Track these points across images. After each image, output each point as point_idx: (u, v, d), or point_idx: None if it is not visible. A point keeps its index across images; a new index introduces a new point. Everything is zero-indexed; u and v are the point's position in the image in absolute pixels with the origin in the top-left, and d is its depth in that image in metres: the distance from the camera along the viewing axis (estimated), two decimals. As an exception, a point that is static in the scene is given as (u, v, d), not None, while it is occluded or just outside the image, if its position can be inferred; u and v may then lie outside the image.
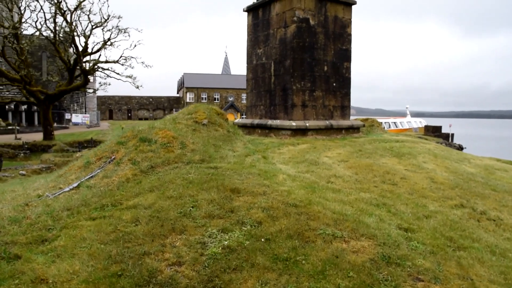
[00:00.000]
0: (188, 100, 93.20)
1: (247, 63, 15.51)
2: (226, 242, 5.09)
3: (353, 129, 14.47)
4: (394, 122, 61.76)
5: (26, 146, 36.77)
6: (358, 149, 11.23)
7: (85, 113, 74.04)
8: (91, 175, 7.96)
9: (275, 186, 6.95)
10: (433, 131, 75.68)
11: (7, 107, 57.50)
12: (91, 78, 46.27)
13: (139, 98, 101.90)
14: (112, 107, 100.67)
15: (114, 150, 8.75)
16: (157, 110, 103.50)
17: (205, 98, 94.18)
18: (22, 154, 34.34)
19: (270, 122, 13.73)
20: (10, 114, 61.26)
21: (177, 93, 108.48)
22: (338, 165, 9.45)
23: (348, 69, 14.49)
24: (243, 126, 15.29)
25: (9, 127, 51.93)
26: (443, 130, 75.16)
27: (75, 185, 7.60)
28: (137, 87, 41.84)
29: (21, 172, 22.27)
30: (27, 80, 34.49)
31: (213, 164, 8.23)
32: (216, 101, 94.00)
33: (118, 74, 40.69)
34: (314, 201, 6.35)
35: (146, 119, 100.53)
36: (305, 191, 6.96)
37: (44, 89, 40.02)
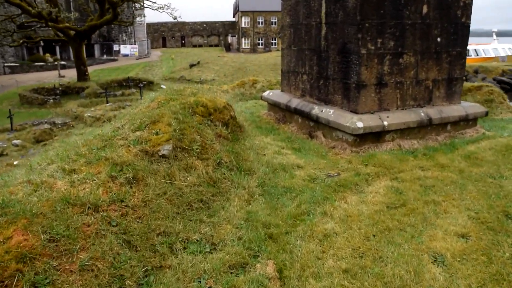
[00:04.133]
0: (243, 25, 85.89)
1: (285, -2, 9.19)
2: None
3: (466, 122, 8.07)
4: (475, 49, 48.64)
5: (59, 89, 32.89)
6: (497, 205, 5.15)
7: (134, 43, 69.49)
8: None
9: None
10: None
11: (53, 43, 54.45)
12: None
13: (192, 24, 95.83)
14: (165, 34, 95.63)
15: None
16: (211, 36, 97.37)
17: (261, 22, 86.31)
18: (51, 100, 30.40)
19: (317, 109, 7.67)
20: (57, 49, 58.20)
21: (233, 17, 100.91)
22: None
23: (468, 9, 7.81)
24: (274, 106, 9.29)
25: (56, 63, 49.24)
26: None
27: None
28: (175, 18, 36.02)
29: (14, 142, 17.82)
30: (46, 17, 29.67)
31: None
32: (273, 25, 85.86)
33: (151, 2, 34.94)
34: None
35: (200, 45, 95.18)
36: None
37: (75, 25, 35.34)
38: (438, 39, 7.52)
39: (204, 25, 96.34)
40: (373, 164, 6.27)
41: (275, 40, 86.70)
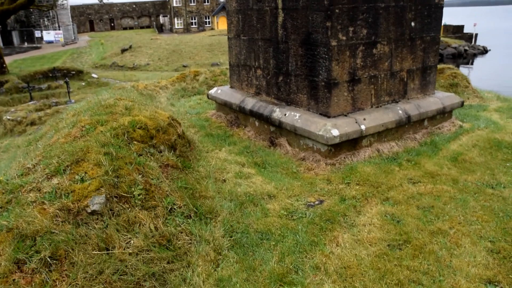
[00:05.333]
0: (175, 4, 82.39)
1: (228, -22, 7.82)
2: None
3: (442, 115, 7.20)
4: None
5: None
6: (511, 228, 4.30)
7: (58, 29, 64.54)
8: None
9: None
10: (454, 32, 66.51)
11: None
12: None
13: (121, 5, 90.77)
14: (93, 18, 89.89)
15: None
16: (142, 17, 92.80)
17: (194, 0, 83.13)
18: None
19: (278, 112, 6.47)
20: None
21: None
22: None
23: (440, -13, 6.84)
24: (224, 106, 7.98)
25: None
26: (465, 30, 66.13)
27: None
28: (101, 1, 33.25)
29: None
30: None
31: None
32: (206, 3, 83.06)
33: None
34: None
35: (131, 28, 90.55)
36: None
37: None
38: (412, 24, 6.50)
39: (134, 6, 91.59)
40: (356, 182, 5.19)
41: (209, 18, 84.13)
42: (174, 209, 3.86)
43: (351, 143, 5.87)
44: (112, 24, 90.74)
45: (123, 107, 4.89)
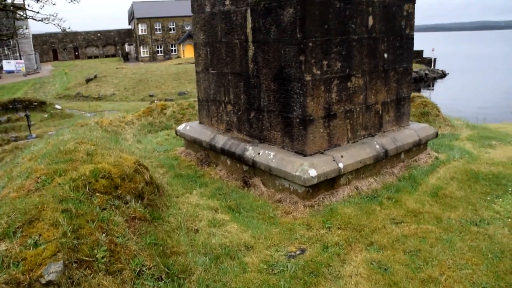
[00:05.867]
0: (140, 33, 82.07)
1: (193, 8, 7.57)
2: None
3: (418, 147, 7.05)
4: None
5: None
6: (502, 271, 4.09)
7: (20, 58, 62.92)
8: None
9: None
10: (414, 57, 68.34)
11: None
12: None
13: (85, 34, 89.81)
14: (56, 46, 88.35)
15: None
16: (107, 46, 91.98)
17: (159, 29, 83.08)
18: None
19: (251, 151, 6.15)
20: None
21: (129, 24, 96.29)
22: None
23: (411, 19, 6.77)
24: (194, 143, 7.62)
25: None
26: (425, 55, 68.19)
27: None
28: (64, 30, 32.65)
29: None
30: None
31: None
32: (172, 31, 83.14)
33: (34, 12, 31.29)
34: None
35: (96, 56, 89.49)
36: None
37: None
38: (385, 55, 6.38)
39: (99, 35, 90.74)
40: (338, 226, 4.89)
41: (175, 46, 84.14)
42: (143, 271, 3.44)
43: (329, 182, 5.59)
44: (77, 53, 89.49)
45: (84, 153, 4.47)
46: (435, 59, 65.96)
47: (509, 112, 34.67)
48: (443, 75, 64.72)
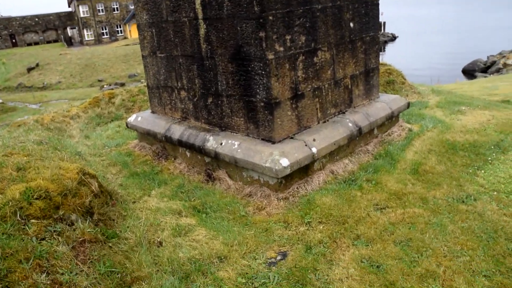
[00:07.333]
0: (82, 15, 78.19)
1: (135, -13, 6.72)
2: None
3: (391, 120, 6.64)
4: None
5: None
6: (500, 254, 3.74)
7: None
8: None
9: None
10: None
11: None
12: None
13: (21, 19, 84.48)
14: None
15: None
16: (48, 31, 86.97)
17: (102, 10, 79.33)
18: None
19: (213, 141, 5.52)
20: None
21: (68, 7, 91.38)
22: None
23: (374, -18, 6.23)
24: (148, 135, 6.89)
25: None
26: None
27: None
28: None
29: None
30: None
31: None
32: (116, 11, 79.58)
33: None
34: None
35: (36, 43, 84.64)
36: None
37: None
38: (351, 25, 5.82)
39: (37, 19, 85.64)
40: (318, 220, 4.39)
41: (120, 27, 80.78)
42: (97, 313, 2.80)
43: (303, 170, 5.06)
44: (14, 41, 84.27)
45: (14, 168, 3.71)
46: (384, 22, 66.59)
47: (459, 71, 35.44)
48: (393, 38, 65.61)
